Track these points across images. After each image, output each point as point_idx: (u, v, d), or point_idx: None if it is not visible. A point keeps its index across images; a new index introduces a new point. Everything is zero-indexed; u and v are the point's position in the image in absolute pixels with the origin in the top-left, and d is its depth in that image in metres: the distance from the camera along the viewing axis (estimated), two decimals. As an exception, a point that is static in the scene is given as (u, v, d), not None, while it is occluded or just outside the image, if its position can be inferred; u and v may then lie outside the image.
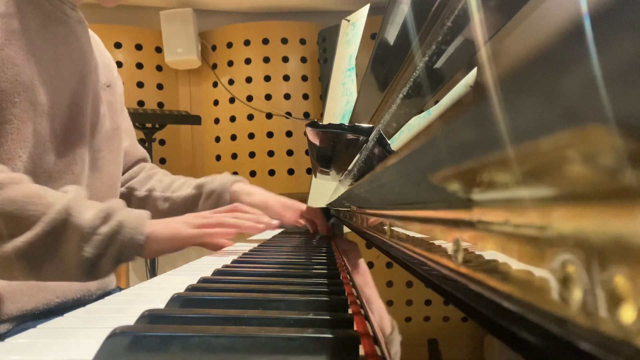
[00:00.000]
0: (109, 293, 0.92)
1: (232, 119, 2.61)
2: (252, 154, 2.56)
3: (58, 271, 0.65)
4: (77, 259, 0.64)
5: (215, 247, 0.79)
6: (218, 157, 2.62)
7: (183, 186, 1.06)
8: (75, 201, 0.66)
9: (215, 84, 2.66)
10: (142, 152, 1.12)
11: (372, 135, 0.50)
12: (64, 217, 0.63)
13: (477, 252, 0.14)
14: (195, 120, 2.43)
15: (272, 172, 2.55)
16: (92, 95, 0.87)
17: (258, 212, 0.92)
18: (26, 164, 0.72)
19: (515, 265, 0.12)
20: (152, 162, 1.20)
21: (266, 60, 2.61)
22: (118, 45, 2.57)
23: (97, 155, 0.88)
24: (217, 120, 2.64)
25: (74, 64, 0.83)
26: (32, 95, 0.72)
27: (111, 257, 0.67)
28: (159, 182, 1.07)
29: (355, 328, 0.30)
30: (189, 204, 1.03)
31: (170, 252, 0.75)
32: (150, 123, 2.31)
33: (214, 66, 2.65)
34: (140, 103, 2.60)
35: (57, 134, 0.77)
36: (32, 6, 0.76)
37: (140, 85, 2.61)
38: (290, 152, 2.58)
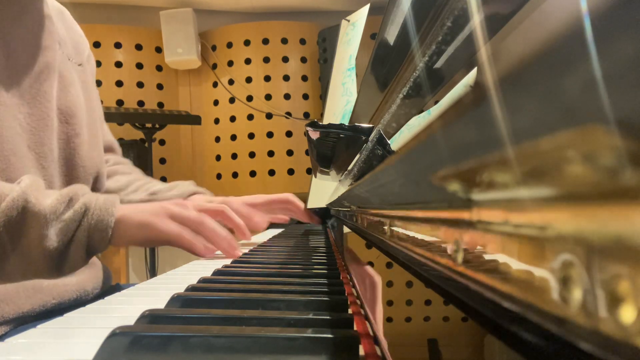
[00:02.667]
0: (106, 292, 0.92)
1: (232, 119, 2.61)
2: (252, 154, 2.57)
3: (23, 267, 0.59)
4: (42, 250, 0.58)
5: (191, 252, 0.70)
6: (218, 157, 2.63)
7: (138, 190, 0.96)
8: (32, 188, 0.59)
9: (215, 84, 2.66)
10: (110, 140, 1.02)
11: (372, 135, 0.50)
12: (21, 205, 0.57)
13: (477, 252, 0.14)
14: (195, 120, 2.43)
15: (272, 172, 2.55)
16: (58, 78, 0.78)
17: (246, 216, 0.85)
18: None
19: (515, 265, 0.12)
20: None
21: (266, 60, 2.61)
22: (118, 45, 2.57)
23: (74, 142, 0.79)
24: (217, 120, 2.64)
25: (30, 46, 0.74)
26: None
27: (80, 244, 0.60)
28: (115, 181, 0.97)
29: (355, 328, 0.30)
30: None
31: (144, 243, 0.67)
32: (150, 123, 2.31)
33: (214, 66, 2.65)
34: (140, 103, 2.60)
35: (24, 125, 0.70)
36: None
37: (140, 85, 2.61)
38: (290, 152, 2.58)
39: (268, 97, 2.59)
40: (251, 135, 2.58)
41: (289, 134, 2.59)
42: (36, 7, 0.77)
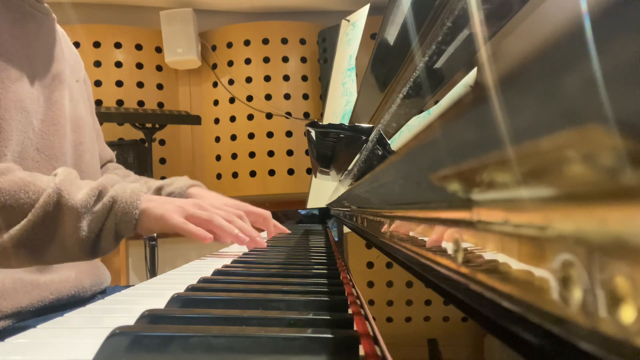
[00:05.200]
0: (104, 290, 0.92)
1: (232, 119, 2.61)
2: (252, 154, 2.56)
3: (61, 253, 0.65)
4: (77, 239, 0.65)
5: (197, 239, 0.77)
6: (218, 157, 2.63)
7: (139, 182, 1.03)
8: (66, 183, 0.66)
9: (215, 84, 2.66)
10: (110, 153, 1.12)
11: (372, 135, 0.50)
12: (56, 200, 0.64)
13: (477, 252, 0.14)
14: (195, 120, 2.43)
15: (272, 172, 2.55)
16: (67, 89, 0.86)
17: (263, 216, 0.91)
18: (10, 162, 0.71)
19: (515, 265, 0.12)
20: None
21: (266, 60, 2.61)
22: (118, 45, 2.57)
23: (80, 149, 0.87)
24: (217, 120, 2.64)
25: (47, 59, 0.83)
26: (12, 94, 0.72)
27: (110, 232, 0.67)
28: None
29: (355, 328, 0.30)
30: None
31: (161, 232, 0.75)
32: (150, 123, 2.31)
33: (214, 66, 2.65)
34: (140, 103, 2.60)
35: (36, 130, 0.77)
36: (0, 2, 0.75)
37: (140, 85, 2.61)
38: (290, 152, 2.58)
39: (268, 97, 2.59)
40: (251, 135, 2.58)
41: (289, 134, 2.59)
42: (50, 23, 0.86)
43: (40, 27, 0.82)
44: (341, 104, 1.96)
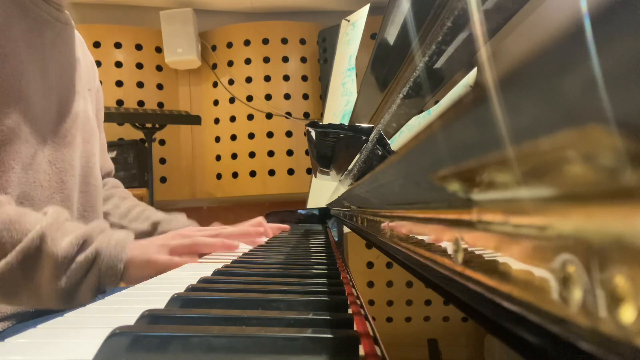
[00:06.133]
0: (103, 291, 0.92)
1: (232, 119, 2.61)
2: (252, 154, 2.56)
3: (34, 299, 0.63)
4: (53, 288, 0.62)
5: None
6: (218, 157, 2.63)
7: (139, 218, 1.02)
8: (52, 227, 0.63)
9: (215, 84, 2.66)
10: (110, 165, 1.10)
11: (372, 135, 0.50)
12: (38, 245, 0.61)
13: (477, 252, 0.14)
14: (195, 120, 2.43)
15: (272, 172, 2.55)
16: (81, 100, 0.85)
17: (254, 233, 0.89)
18: (19, 175, 0.71)
19: (515, 265, 0.12)
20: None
21: (266, 60, 2.61)
22: (118, 45, 2.57)
23: (91, 161, 0.86)
24: (217, 120, 2.64)
25: (62, 69, 0.81)
26: (22, 105, 0.71)
27: (89, 285, 0.65)
28: (115, 207, 1.03)
29: (355, 328, 0.30)
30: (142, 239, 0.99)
31: (150, 277, 0.73)
32: (150, 123, 2.31)
33: (214, 66, 2.65)
34: (140, 103, 2.60)
35: (47, 142, 0.76)
36: (18, 10, 0.74)
37: (140, 85, 2.61)
38: (290, 152, 2.58)
39: (268, 97, 2.59)
40: (251, 135, 2.58)
41: (289, 134, 2.59)
42: (68, 32, 0.85)
43: (57, 36, 0.81)
44: (341, 104, 1.96)
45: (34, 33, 0.76)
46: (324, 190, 1.66)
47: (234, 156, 2.59)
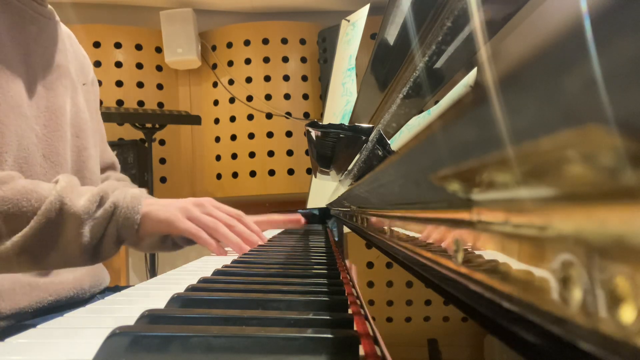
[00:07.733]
0: (102, 291, 0.92)
1: (232, 119, 2.61)
2: (252, 154, 2.56)
3: (63, 259, 0.66)
4: (79, 245, 0.65)
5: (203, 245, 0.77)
6: (218, 157, 2.63)
7: (143, 193, 1.03)
8: (67, 189, 0.66)
9: (215, 84, 2.66)
10: (111, 157, 1.09)
11: (372, 135, 0.50)
12: (59, 207, 0.64)
13: (477, 252, 0.14)
14: (195, 120, 2.43)
15: (272, 172, 2.55)
16: (70, 94, 0.86)
17: (260, 224, 0.90)
18: (12, 168, 0.72)
19: (515, 265, 0.12)
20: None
21: (266, 60, 2.61)
22: (118, 45, 2.57)
23: (83, 154, 0.87)
24: (217, 120, 2.64)
25: (47, 63, 0.82)
26: (9, 98, 0.72)
27: (111, 237, 0.68)
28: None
29: (355, 328, 0.30)
30: None
31: (162, 234, 0.76)
32: (150, 123, 2.31)
33: (214, 66, 2.65)
34: (140, 103, 2.60)
35: (40, 136, 0.77)
36: (0, 6, 0.74)
37: (140, 85, 2.61)
38: (290, 152, 2.58)
39: (268, 97, 2.59)
40: (251, 135, 2.58)
41: (289, 134, 2.59)
42: (52, 27, 0.85)
43: (41, 31, 0.81)
44: (341, 104, 1.96)
45: (16, 28, 0.77)
46: (324, 190, 1.66)
47: (234, 156, 2.59)
